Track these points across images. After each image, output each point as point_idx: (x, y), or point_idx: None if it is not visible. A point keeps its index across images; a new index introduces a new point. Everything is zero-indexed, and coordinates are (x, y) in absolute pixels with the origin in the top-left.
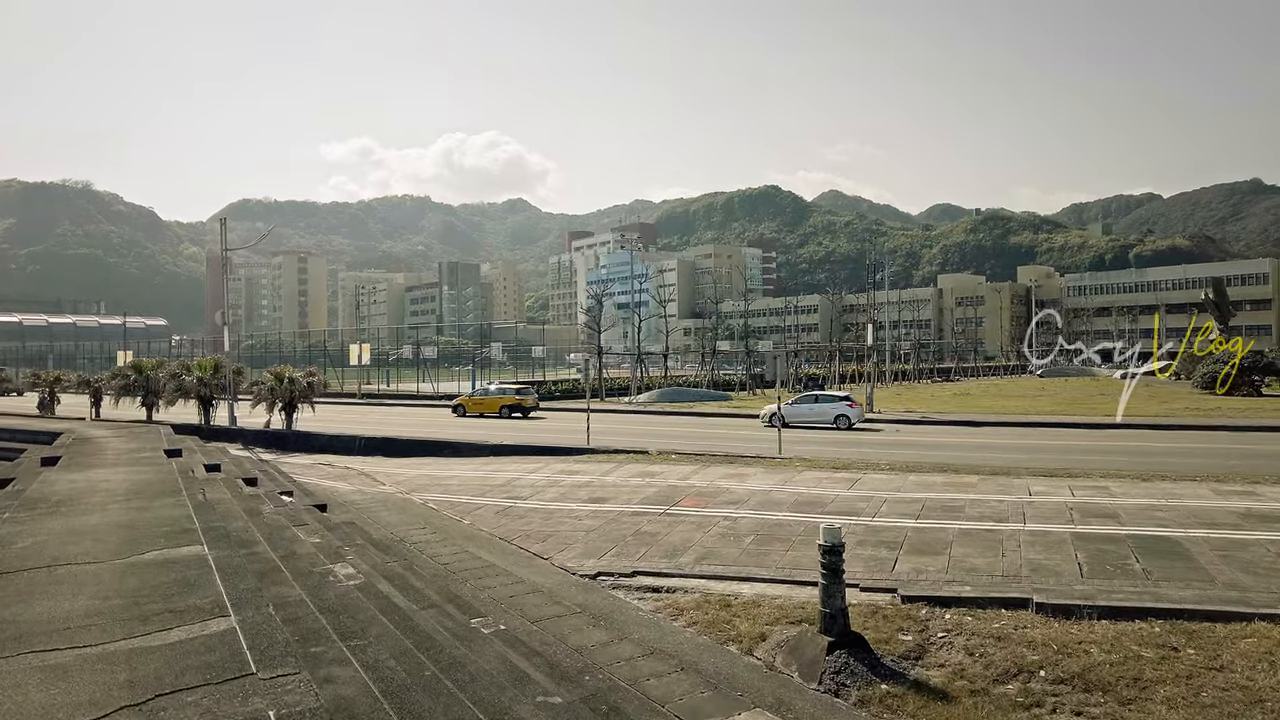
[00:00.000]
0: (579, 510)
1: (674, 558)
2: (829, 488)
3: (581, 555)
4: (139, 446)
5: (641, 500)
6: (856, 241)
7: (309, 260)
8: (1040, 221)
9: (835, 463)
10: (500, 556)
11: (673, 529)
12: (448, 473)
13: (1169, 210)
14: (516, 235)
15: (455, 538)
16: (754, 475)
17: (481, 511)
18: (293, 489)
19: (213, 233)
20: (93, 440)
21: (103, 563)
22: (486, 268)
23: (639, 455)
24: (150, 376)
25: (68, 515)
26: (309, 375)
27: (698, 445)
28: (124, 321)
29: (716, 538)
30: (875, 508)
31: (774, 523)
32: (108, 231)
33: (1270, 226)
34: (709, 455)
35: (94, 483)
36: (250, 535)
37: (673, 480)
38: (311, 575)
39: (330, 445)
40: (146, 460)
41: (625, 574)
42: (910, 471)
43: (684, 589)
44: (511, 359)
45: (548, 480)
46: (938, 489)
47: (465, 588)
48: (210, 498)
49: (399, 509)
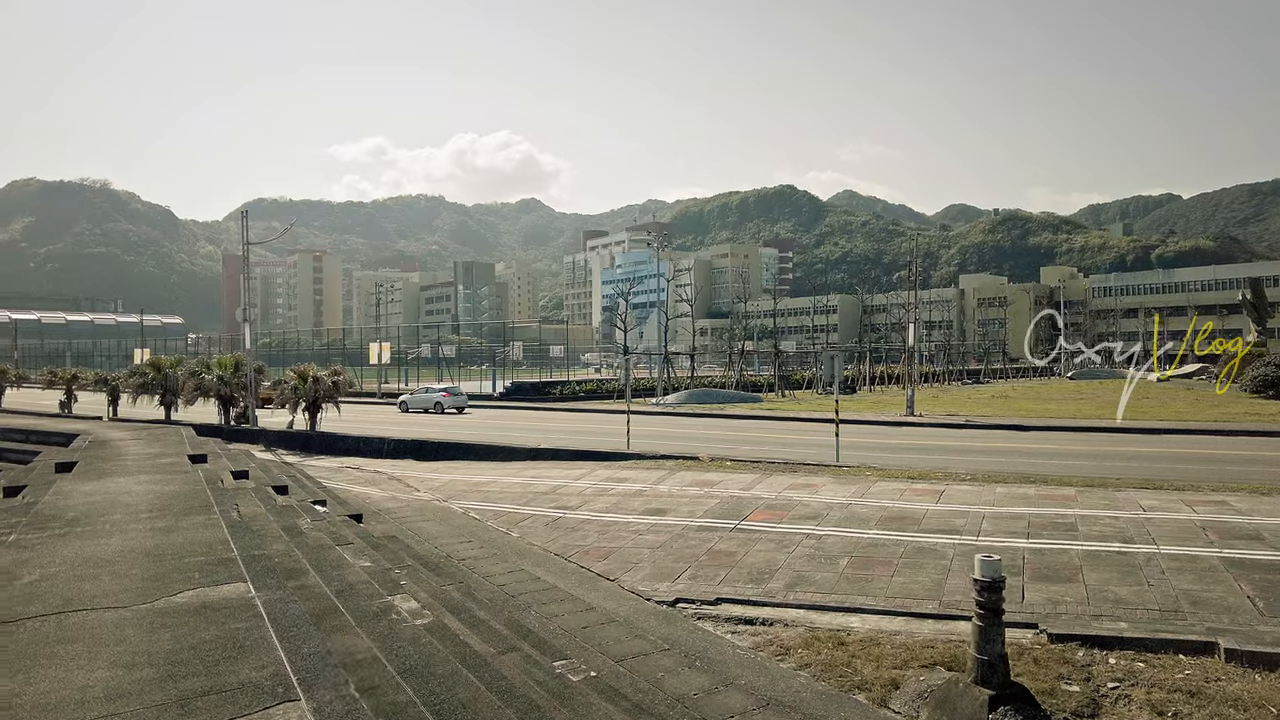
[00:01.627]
0: (637, 523)
1: (761, 582)
2: (914, 501)
3: (651, 577)
4: (160, 451)
5: (706, 513)
6: (874, 242)
7: (324, 259)
8: (1059, 222)
9: (909, 472)
10: (560, 577)
11: (749, 548)
12: (485, 478)
13: (1189, 211)
14: (529, 235)
15: (506, 554)
16: (825, 486)
17: (529, 523)
18: (325, 497)
19: (228, 231)
20: (111, 443)
21: (126, 608)
22: (501, 267)
23: (689, 462)
24: (169, 375)
25: (83, 537)
26: (334, 374)
27: (744, 450)
28: (141, 319)
29: (804, 559)
30: (975, 524)
31: (867, 542)
32: (125, 230)
33: None
34: (766, 462)
35: (113, 495)
36: (295, 562)
37: (734, 490)
38: (375, 616)
39: (357, 447)
40: (170, 467)
41: (708, 601)
42: (995, 482)
43: (781, 621)
44: (529, 358)
45: (595, 488)
46: (1035, 502)
47: (532, 617)
48: (244, 513)
49: (439, 519)
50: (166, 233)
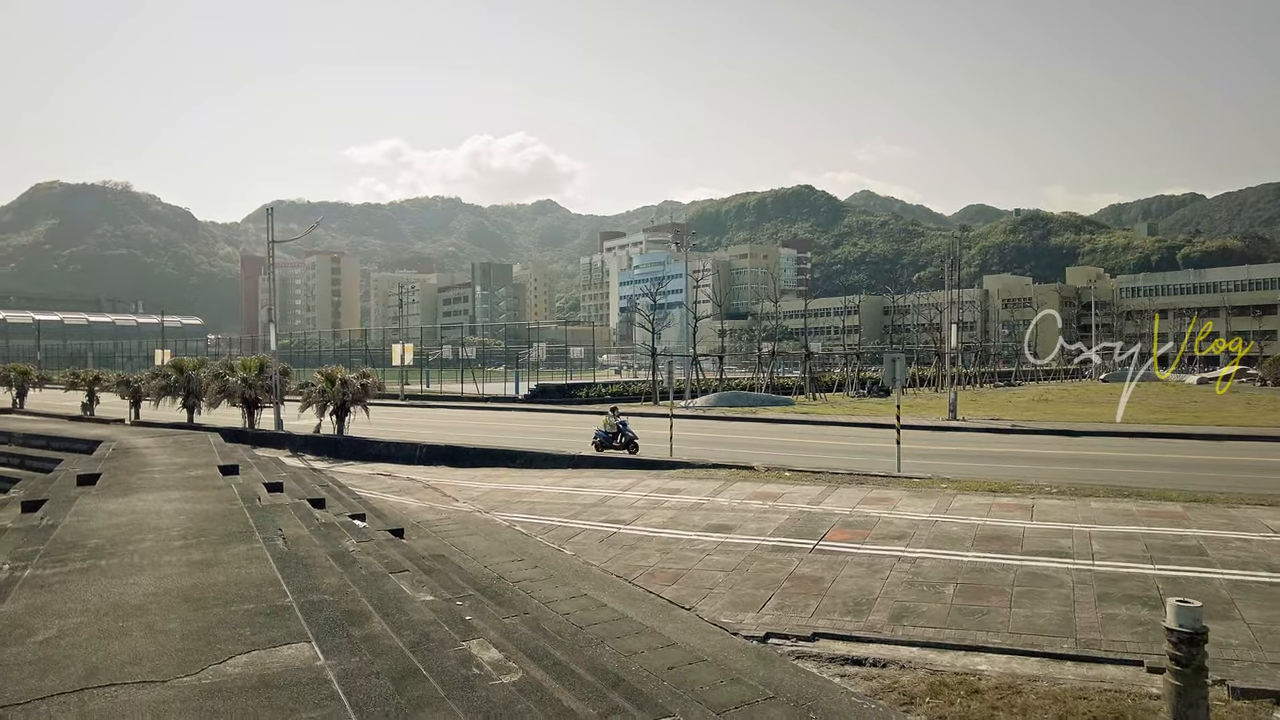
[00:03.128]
0: (701, 542)
1: (860, 614)
2: (1005, 518)
3: (732, 606)
4: (189, 461)
5: (777, 531)
6: (893, 242)
7: (342, 260)
8: (1082, 222)
9: (987, 484)
10: (628, 604)
11: (836, 572)
12: (526, 487)
13: (1213, 211)
14: (545, 236)
15: (564, 575)
16: (900, 500)
17: (582, 539)
18: (363, 510)
19: (246, 233)
20: (135, 451)
21: (165, 683)
22: (518, 268)
23: (743, 471)
24: (191, 377)
25: (109, 574)
26: (363, 377)
27: (790, 457)
28: (162, 320)
29: (903, 586)
30: (1084, 546)
31: (968, 566)
32: (145, 232)
33: None
34: (828, 473)
35: (141, 515)
36: (354, 601)
37: (801, 505)
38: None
39: (388, 453)
40: (200, 481)
41: (804, 637)
42: (1084, 496)
43: (895, 661)
44: (548, 360)
45: (647, 500)
46: (1140, 520)
47: (607, 653)
48: (288, 536)
49: (484, 533)
50: (186, 234)
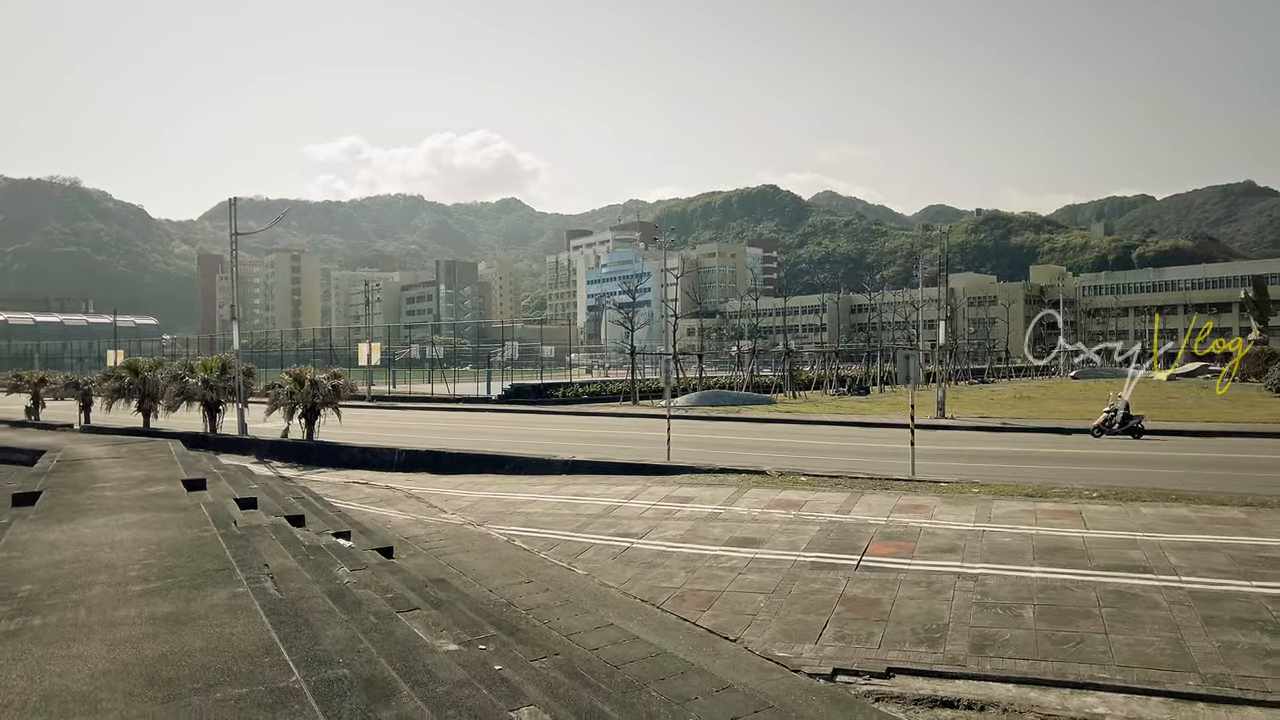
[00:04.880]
0: (729, 558)
1: (934, 644)
2: (1055, 526)
3: (784, 636)
4: (147, 474)
5: (811, 545)
6: (856, 242)
7: (302, 259)
8: (1041, 222)
9: (1021, 488)
10: (663, 635)
11: (891, 593)
12: (520, 496)
13: (1163, 212)
14: (510, 235)
15: (581, 600)
16: (935, 507)
17: (592, 556)
18: (348, 527)
19: (203, 231)
20: (85, 463)
21: None
22: (483, 267)
23: (755, 476)
24: (147, 378)
25: (42, 640)
26: (334, 378)
27: (792, 459)
28: (114, 320)
29: (973, 609)
30: (1159, 559)
31: (1039, 585)
32: (96, 229)
33: (1265, 228)
34: (847, 477)
35: (89, 548)
36: (374, 667)
37: (829, 514)
38: None
39: (363, 459)
40: (162, 499)
41: (877, 673)
42: (1130, 500)
43: (991, 701)
44: (518, 359)
45: (657, 511)
46: (1204, 527)
47: (654, 699)
48: (276, 570)
49: (481, 550)
50: (139, 232)
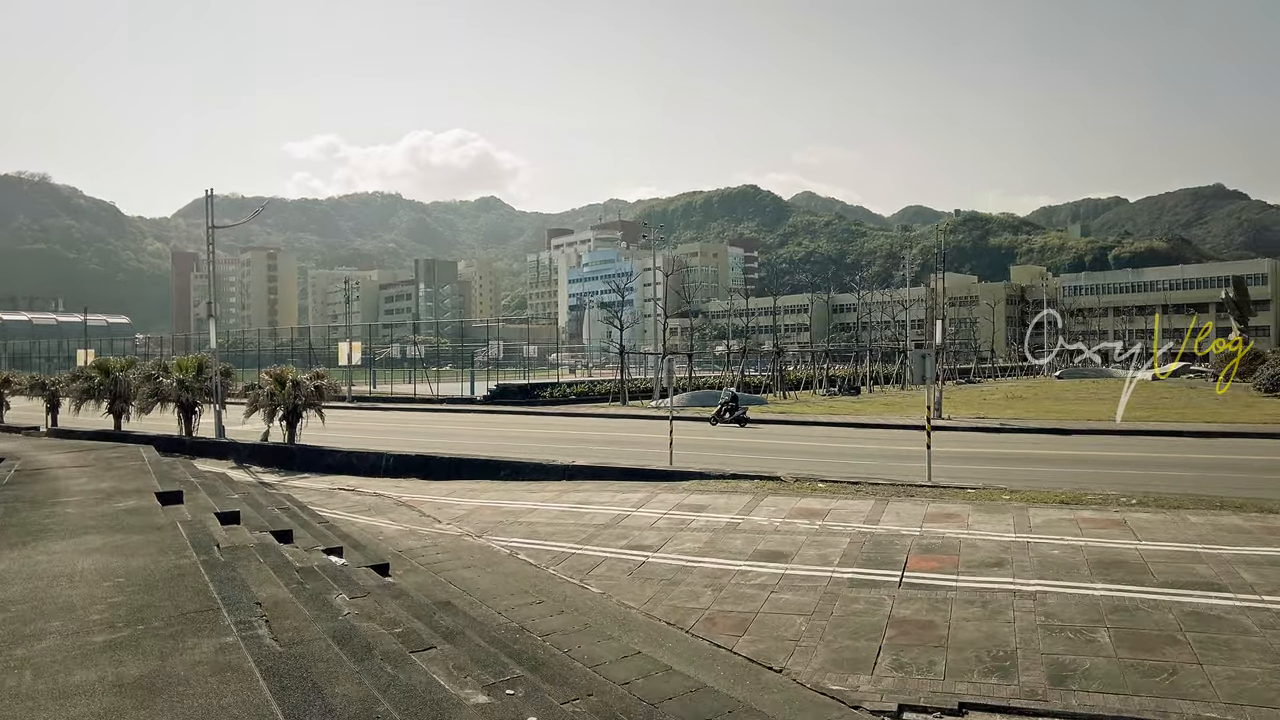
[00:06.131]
0: (757, 574)
1: (1007, 674)
2: (1103, 537)
3: (833, 665)
4: (115, 487)
5: (845, 560)
6: (836, 242)
7: (279, 257)
8: (1019, 223)
9: (1056, 495)
10: (699, 666)
11: (944, 614)
12: (519, 504)
13: (1136, 214)
14: (489, 233)
15: (601, 624)
16: (969, 516)
17: (605, 570)
18: (337, 540)
19: (177, 229)
20: (46, 474)
21: None
22: (462, 265)
23: (769, 483)
24: (119, 379)
25: None
26: (316, 378)
27: (804, 463)
28: (84, 319)
29: (1041, 633)
30: (1228, 574)
31: (1107, 605)
32: (67, 226)
33: (1234, 230)
34: (866, 483)
35: (44, 582)
36: None
37: (856, 524)
38: None
39: (348, 464)
40: (132, 517)
41: (949, 710)
42: (1174, 507)
43: None
44: (501, 359)
45: (669, 520)
46: (1263, 539)
47: None
48: (268, 605)
49: (483, 565)
50: (111, 229)
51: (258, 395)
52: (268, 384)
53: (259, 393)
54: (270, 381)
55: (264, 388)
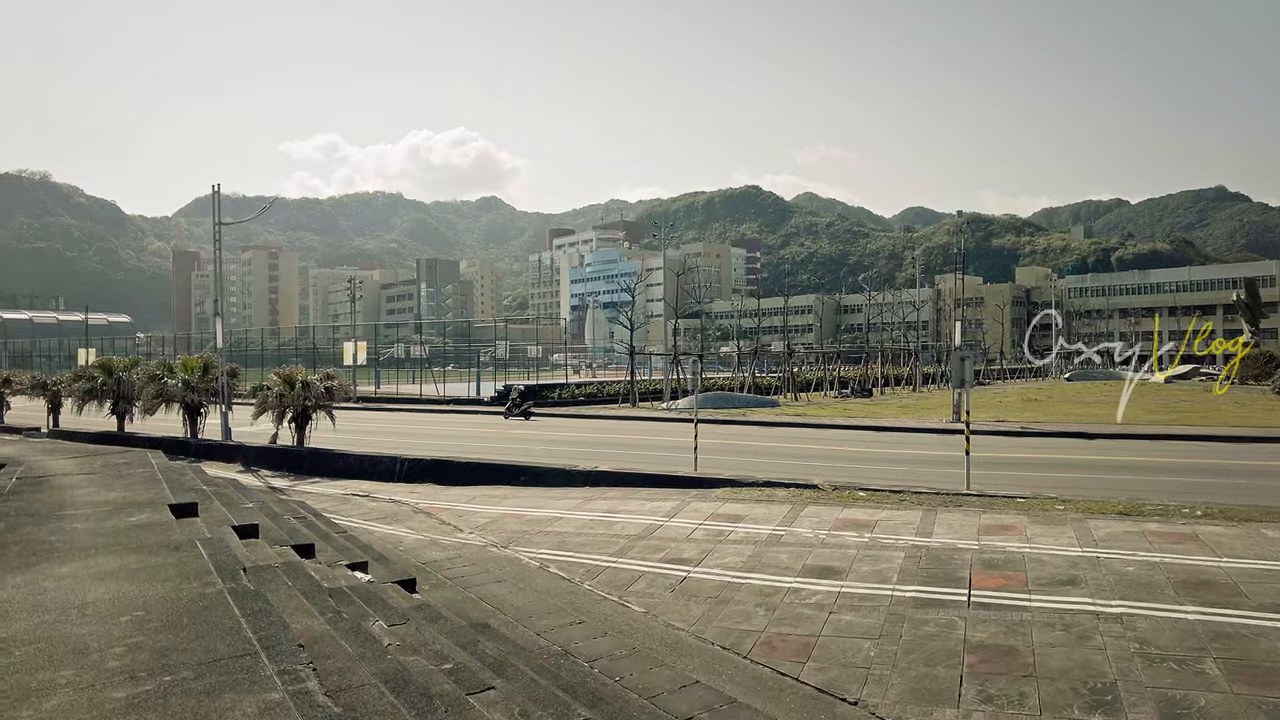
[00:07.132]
0: (811, 592)
1: (1111, 711)
2: (1178, 553)
3: (911, 696)
4: (126, 497)
5: (903, 577)
6: (839, 243)
7: (280, 256)
8: (1022, 224)
9: (1113, 506)
10: (764, 697)
11: (1025, 638)
12: (543, 512)
13: (1137, 216)
14: (491, 233)
15: (651, 648)
16: (1026, 528)
17: (644, 586)
18: (361, 554)
19: (178, 228)
20: (50, 481)
21: None
22: (464, 265)
23: (807, 491)
24: (122, 379)
25: None
26: (327, 379)
27: (831, 467)
28: (85, 318)
29: (1138, 661)
30: None
31: (1204, 629)
32: (67, 225)
33: (1235, 232)
34: (909, 492)
35: (53, 616)
36: None
37: (907, 536)
38: None
39: (360, 468)
40: (146, 530)
41: None
42: (1242, 519)
43: None
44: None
45: (705, 531)
46: None
47: None
48: (305, 639)
49: (514, 580)
50: (112, 228)
51: (266, 396)
52: (277, 385)
53: (268, 394)
54: (279, 382)
55: (273, 389)
